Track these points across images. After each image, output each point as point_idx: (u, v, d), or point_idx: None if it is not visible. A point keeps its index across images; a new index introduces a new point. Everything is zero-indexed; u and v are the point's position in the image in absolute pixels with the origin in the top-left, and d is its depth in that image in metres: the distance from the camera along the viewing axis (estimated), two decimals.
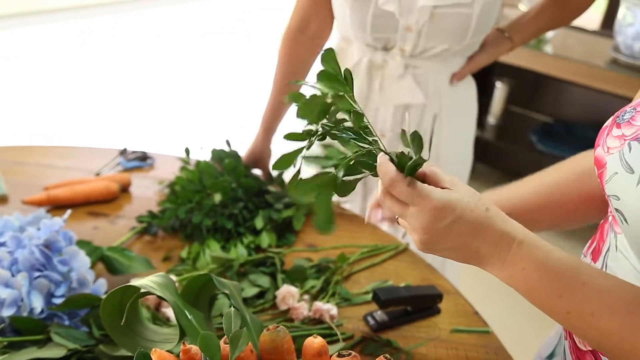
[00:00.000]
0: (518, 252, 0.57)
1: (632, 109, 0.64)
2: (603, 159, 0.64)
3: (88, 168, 1.39)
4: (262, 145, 1.38)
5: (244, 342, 0.56)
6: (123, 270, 1.00)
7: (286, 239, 1.17)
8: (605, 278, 0.57)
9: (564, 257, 0.58)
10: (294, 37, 1.33)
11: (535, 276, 0.57)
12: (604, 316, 0.55)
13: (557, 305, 0.57)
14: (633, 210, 0.57)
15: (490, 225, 0.57)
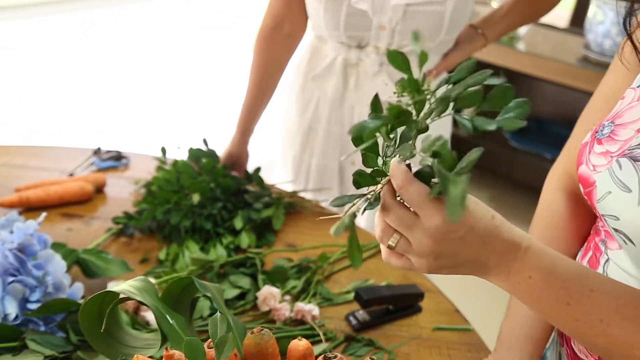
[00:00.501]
0: (524, 261, 0.55)
1: (610, 123, 0.63)
2: (590, 178, 0.63)
3: (61, 168, 1.36)
4: (239, 147, 1.36)
5: (229, 347, 0.55)
6: (99, 273, 0.97)
7: (266, 239, 1.16)
8: (612, 284, 0.56)
9: (571, 263, 0.56)
10: (268, 35, 1.32)
11: (542, 284, 0.55)
12: (614, 322, 0.53)
13: (564, 313, 0.55)
14: (637, 229, 0.57)
15: (498, 235, 0.55)
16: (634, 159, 0.57)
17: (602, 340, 0.55)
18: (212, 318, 0.57)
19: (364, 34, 1.22)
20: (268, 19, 1.31)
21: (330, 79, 1.31)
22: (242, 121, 1.37)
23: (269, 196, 1.23)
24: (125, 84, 2.44)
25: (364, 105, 1.31)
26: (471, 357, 0.94)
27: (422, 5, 1.15)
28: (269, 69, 1.35)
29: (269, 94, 1.37)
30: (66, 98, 2.28)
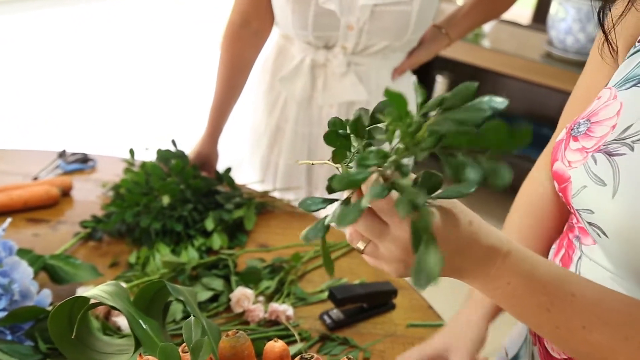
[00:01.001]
0: (503, 266, 0.53)
1: (586, 120, 0.64)
2: (565, 174, 0.64)
3: (25, 172, 1.32)
4: (209, 146, 1.35)
5: (205, 352, 0.54)
6: (68, 279, 0.95)
7: (238, 239, 1.15)
8: (593, 288, 0.55)
9: (552, 267, 0.55)
10: (235, 32, 1.30)
11: (521, 290, 0.53)
12: (596, 328, 0.53)
13: (545, 319, 0.54)
14: (613, 222, 0.57)
15: (474, 243, 0.52)
16: (609, 153, 0.58)
17: (584, 347, 0.54)
18: (186, 322, 0.56)
19: (331, 34, 1.22)
20: (235, 15, 1.30)
21: (298, 80, 1.30)
22: (211, 120, 1.36)
23: (240, 196, 1.22)
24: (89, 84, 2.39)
25: (333, 106, 1.31)
26: None
27: (389, 6, 1.16)
28: (236, 66, 1.34)
29: (237, 92, 1.36)
30: (28, 99, 2.22)
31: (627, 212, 0.55)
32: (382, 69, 1.30)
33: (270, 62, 1.38)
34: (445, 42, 1.36)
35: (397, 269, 0.54)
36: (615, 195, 0.56)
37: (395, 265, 0.53)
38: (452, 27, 1.35)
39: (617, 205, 0.56)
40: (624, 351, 0.52)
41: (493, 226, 0.55)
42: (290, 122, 1.36)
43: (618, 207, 0.56)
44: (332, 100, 1.30)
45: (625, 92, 0.60)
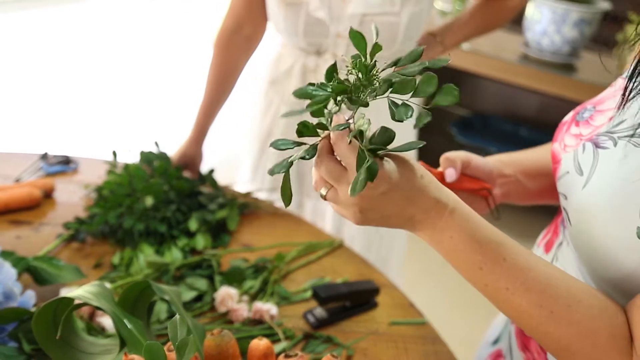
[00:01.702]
0: (449, 220, 0.58)
1: (592, 107, 0.66)
2: (559, 155, 0.67)
3: (6, 174, 1.32)
4: (194, 147, 1.36)
5: (191, 350, 0.55)
6: (51, 280, 0.95)
7: (221, 240, 1.16)
8: (527, 258, 0.59)
9: (492, 231, 0.59)
10: (228, 37, 1.32)
11: (461, 246, 0.58)
12: (518, 292, 0.57)
13: (477, 276, 0.59)
14: (576, 211, 0.60)
15: (424, 193, 0.58)
16: (597, 144, 0.60)
17: (507, 308, 0.58)
18: (171, 321, 0.57)
19: (322, 41, 1.23)
20: (228, 20, 1.31)
21: (289, 84, 1.32)
22: (198, 122, 1.36)
23: (223, 197, 1.23)
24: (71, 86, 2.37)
25: None
26: (426, 349, 0.97)
27: (378, 16, 1.17)
28: (226, 70, 1.35)
29: (225, 96, 1.37)
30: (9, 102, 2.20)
31: (589, 205, 0.57)
32: None
33: (266, 66, 1.39)
34: (439, 50, 1.37)
35: (354, 215, 0.59)
36: (585, 187, 0.58)
37: (352, 209, 0.59)
38: (447, 36, 1.36)
39: (584, 197, 0.58)
40: (535, 317, 0.56)
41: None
42: (281, 127, 1.37)
43: (583, 199, 0.58)
44: None
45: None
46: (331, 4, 1.18)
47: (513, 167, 0.82)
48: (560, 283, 0.57)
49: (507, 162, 0.82)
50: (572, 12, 2.31)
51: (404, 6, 1.17)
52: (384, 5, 1.17)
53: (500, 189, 0.82)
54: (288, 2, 1.19)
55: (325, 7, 1.17)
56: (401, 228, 0.61)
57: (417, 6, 1.19)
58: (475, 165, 0.78)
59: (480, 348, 0.93)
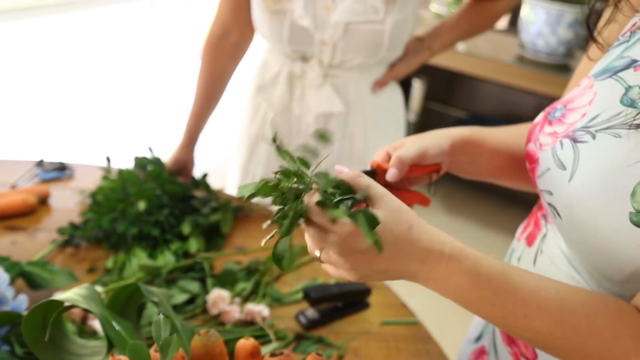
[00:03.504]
0: (449, 266, 0.57)
1: (563, 106, 0.67)
2: (535, 155, 0.67)
3: (2, 181, 1.33)
4: (185, 153, 1.37)
5: (174, 349, 0.56)
6: (45, 284, 0.96)
7: (215, 243, 1.17)
8: (533, 278, 0.59)
9: (493, 264, 0.59)
10: (215, 44, 1.33)
11: (468, 286, 0.57)
12: (535, 316, 0.56)
13: (492, 311, 0.58)
14: (565, 206, 0.61)
15: (414, 245, 0.56)
16: (574, 139, 0.61)
17: (529, 334, 0.58)
18: (155, 321, 0.58)
19: (307, 49, 1.24)
20: (215, 27, 1.33)
21: (276, 90, 1.33)
22: (189, 128, 1.38)
23: (216, 201, 1.24)
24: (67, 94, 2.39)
25: (310, 116, 1.33)
26: (418, 348, 0.98)
27: (362, 24, 1.18)
28: (215, 77, 1.36)
29: (215, 102, 1.39)
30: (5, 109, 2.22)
31: (578, 197, 0.58)
32: (361, 81, 1.31)
33: (253, 72, 1.40)
34: (427, 55, 1.38)
35: (348, 273, 0.59)
36: (571, 180, 0.59)
37: (344, 270, 0.58)
38: (434, 40, 1.38)
39: (571, 190, 0.59)
40: (559, 334, 0.56)
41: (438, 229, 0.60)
42: (268, 132, 1.38)
43: (572, 192, 0.59)
44: (309, 111, 1.32)
45: (602, 83, 0.63)
46: (315, 12, 1.19)
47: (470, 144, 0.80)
48: (571, 295, 0.57)
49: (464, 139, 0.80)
50: (566, 13, 2.32)
51: (388, 14, 1.18)
52: (367, 14, 1.18)
53: (450, 164, 0.81)
54: (273, 10, 1.20)
55: (309, 15, 1.18)
56: (400, 279, 0.60)
57: (401, 13, 1.20)
58: (432, 155, 0.76)
59: (463, 346, 0.94)
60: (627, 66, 0.60)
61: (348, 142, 1.36)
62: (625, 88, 0.59)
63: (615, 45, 0.65)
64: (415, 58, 1.37)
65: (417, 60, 1.38)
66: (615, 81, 0.61)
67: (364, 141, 1.36)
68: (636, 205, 0.53)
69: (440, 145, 0.77)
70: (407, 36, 1.29)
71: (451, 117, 3.18)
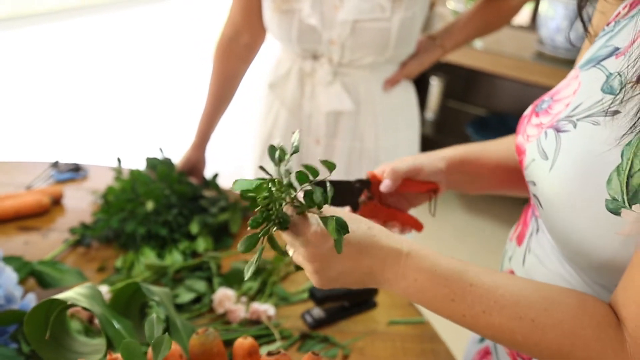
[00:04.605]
0: (408, 264, 0.60)
1: (550, 98, 0.67)
2: (523, 146, 0.67)
3: (18, 182, 1.36)
4: (197, 154, 1.38)
5: (166, 348, 0.56)
6: (54, 283, 0.98)
7: (224, 242, 1.18)
8: (491, 277, 0.60)
9: (451, 262, 0.61)
10: (227, 45, 1.34)
11: (427, 284, 0.59)
12: (494, 312, 0.57)
13: (452, 310, 0.59)
14: (546, 195, 0.60)
15: (375, 243, 0.60)
16: (558, 129, 0.60)
17: (489, 331, 0.59)
18: (148, 320, 0.58)
19: (316, 47, 1.24)
20: (227, 29, 1.34)
21: (287, 87, 1.33)
22: (200, 129, 1.39)
23: (225, 200, 1.25)
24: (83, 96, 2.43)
25: (320, 114, 1.33)
26: (424, 348, 0.97)
27: (369, 22, 1.18)
28: (226, 78, 1.37)
29: (226, 103, 1.40)
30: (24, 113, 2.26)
31: (558, 186, 0.57)
32: (371, 80, 1.30)
33: (267, 71, 1.41)
34: (439, 53, 1.37)
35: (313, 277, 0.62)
36: (551, 169, 0.59)
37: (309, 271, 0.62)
38: (447, 39, 1.37)
39: (552, 179, 0.58)
40: (519, 330, 0.57)
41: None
42: (280, 130, 1.39)
43: (552, 181, 0.58)
44: (319, 109, 1.32)
45: (586, 73, 0.62)
46: (323, 10, 1.19)
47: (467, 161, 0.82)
48: (530, 291, 0.58)
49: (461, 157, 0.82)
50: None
51: (394, 12, 1.18)
52: (374, 11, 1.18)
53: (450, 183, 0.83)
54: (282, 10, 1.20)
55: (317, 14, 1.19)
56: (364, 285, 0.62)
57: (408, 11, 1.19)
58: (428, 173, 0.78)
59: (468, 346, 0.93)
60: (610, 54, 0.60)
61: (358, 141, 1.35)
62: (607, 76, 0.58)
63: (601, 35, 0.64)
64: (428, 56, 1.36)
65: (429, 58, 1.37)
66: (598, 70, 0.60)
67: (375, 140, 1.35)
68: (612, 192, 0.53)
69: (436, 165, 0.79)
70: (416, 34, 1.28)
71: (470, 114, 3.15)
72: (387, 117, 1.35)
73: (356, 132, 1.34)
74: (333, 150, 1.36)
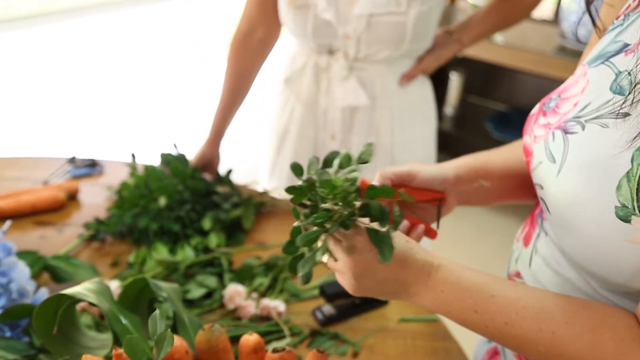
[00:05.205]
0: (437, 277, 0.62)
1: (557, 96, 0.65)
2: (530, 147, 0.66)
3: (36, 178, 1.38)
4: (211, 149, 1.39)
5: (169, 344, 0.56)
6: (68, 278, 0.99)
7: (236, 238, 1.18)
8: (513, 288, 0.60)
9: (475, 275, 0.62)
10: (242, 41, 1.34)
11: (452, 296, 0.61)
12: (516, 323, 0.58)
13: (475, 321, 0.60)
14: (553, 200, 0.59)
15: (412, 255, 0.63)
16: (566, 131, 0.58)
17: (513, 342, 0.59)
18: (151, 316, 0.59)
19: (331, 42, 1.24)
20: (242, 24, 1.34)
21: (303, 82, 1.33)
22: (215, 124, 1.39)
23: (238, 196, 1.25)
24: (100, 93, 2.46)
25: (336, 109, 1.32)
26: (436, 346, 0.96)
27: (384, 16, 1.17)
28: (241, 74, 1.37)
29: (241, 99, 1.40)
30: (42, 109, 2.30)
31: (565, 191, 0.56)
32: (387, 75, 1.29)
33: (282, 66, 1.40)
34: (456, 48, 1.36)
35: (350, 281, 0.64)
36: (559, 173, 0.57)
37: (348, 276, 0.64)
38: (464, 33, 1.35)
39: (559, 183, 0.57)
40: (541, 342, 0.57)
41: None
42: (296, 125, 1.39)
43: (559, 185, 0.57)
44: (335, 104, 1.31)
45: (594, 70, 0.60)
46: (338, 5, 1.19)
47: (475, 171, 0.81)
48: (551, 302, 0.58)
49: (469, 167, 0.82)
50: None
51: (410, 5, 1.17)
52: (389, 5, 1.17)
53: (459, 196, 0.81)
54: (297, 5, 1.20)
55: (332, 9, 1.18)
56: (396, 296, 0.65)
57: (424, 5, 1.18)
58: (424, 179, 0.77)
59: (477, 345, 0.92)
60: (619, 51, 0.57)
61: (374, 137, 1.34)
62: (616, 74, 0.56)
63: (610, 29, 0.62)
64: (445, 51, 1.35)
65: (446, 53, 1.35)
66: (607, 67, 0.58)
67: (391, 135, 1.34)
68: (622, 199, 0.51)
69: (440, 174, 0.79)
70: (433, 28, 1.27)
71: (490, 110, 3.11)
72: (403, 113, 1.34)
73: (372, 128, 1.34)
74: (349, 145, 1.35)
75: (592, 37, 0.69)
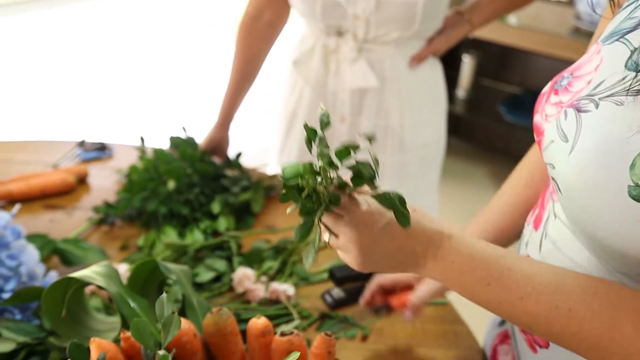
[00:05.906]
0: (447, 247, 0.58)
1: (570, 75, 0.63)
2: (541, 126, 0.64)
3: (46, 161, 1.38)
4: (220, 133, 1.38)
5: (175, 327, 0.56)
6: (77, 261, 0.99)
7: (245, 221, 1.17)
8: (529, 263, 0.58)
9: (489, 246, 0.59)
10: (249, 24, 1.33)
11: (465, 267, 0.58)
12: (532, 298, 0.55)
13: (488, 294, 0.58)
14: (565, 179, 0.58)
15: (420, 225, 0.59)
16: (578, 109, 0.57)
17: (526, 318, 0.57)
18: (158, 299, 0.58)
19: (340, 23, 1.22)
20: (250, 7, 1.33)
21: (311, 64, 1.31)
22: (224, 108, 1.39)
23: (247, 180, 1.24)
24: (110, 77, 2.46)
25: (345, 91, 1.31)
26: (446, 329, 0.96)
27: None
28: (249, 57, 1.36)
29: (250, 82, 1.39)
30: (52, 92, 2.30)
31: (578, 170, 0.54)
32: (397, 56, 1.28)
33: (291, 48, 1.39)
34: (467, 29, 1.34)
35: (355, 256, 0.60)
36: (571, 153, 0.55)
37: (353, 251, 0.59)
38: (475, 14, 1.33)
39: (571, 163, 0.55)
40: (556, 319, 0.55)
41: None
42: (304, 108, 1.38)
43: (571, 164, 0.55)
44: (344, 86, 1.30)
45: (608, 47, 0.58)
46: None
47: None
48: (569, 280, 0.56)
49: None
50: None
51: None
52: None
53: None
54: None
55: None
56: (403, 269, 0.61)
57: None
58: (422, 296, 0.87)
59: (488, 329, 0.91)
60: (635, 27, 0.55)
61: (383, 119, 1.33)
62: (631, 51, 0.54)
63: (625, 6, 0.60)
64: (455, 32, 1.32)
65: (456, 34, 1.33)
66: (622, 44, 0.56)
67: (400, 118, 1.33)
68: (635, 178, 0.49)
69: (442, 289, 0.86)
70: (444, 9, 1.25)
71: (503, 92, 3.07)
72: (412, 95, 1.33)
73: (381, 110, 1.32)
74: (358, 128, 1.34)
75: (605, 15, 0.67)
